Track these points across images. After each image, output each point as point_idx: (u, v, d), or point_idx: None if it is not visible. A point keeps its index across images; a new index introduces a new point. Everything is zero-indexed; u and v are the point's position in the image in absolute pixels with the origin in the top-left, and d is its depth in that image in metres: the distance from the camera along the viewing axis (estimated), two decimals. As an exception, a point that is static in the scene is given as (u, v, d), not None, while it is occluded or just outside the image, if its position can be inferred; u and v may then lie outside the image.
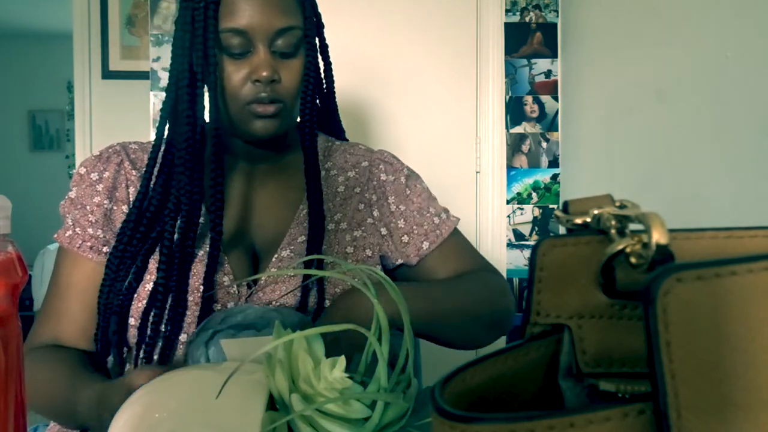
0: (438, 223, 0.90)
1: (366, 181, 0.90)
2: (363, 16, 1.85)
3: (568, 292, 0.28)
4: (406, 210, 0.89)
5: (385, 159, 0.93)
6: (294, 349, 0.51)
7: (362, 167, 0.91)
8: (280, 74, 0.77)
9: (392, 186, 0.90)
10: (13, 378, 0.38)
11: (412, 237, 0.88)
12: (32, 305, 3.23)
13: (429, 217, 0.90)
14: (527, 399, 0.28)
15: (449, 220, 0.91)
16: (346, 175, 0.90)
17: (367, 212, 0.88)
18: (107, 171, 0.83)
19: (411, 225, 0.89)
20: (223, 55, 0.77)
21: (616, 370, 0.28)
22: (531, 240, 1.89)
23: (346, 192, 0.89)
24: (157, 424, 0.47)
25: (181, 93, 0.77)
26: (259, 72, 0.75)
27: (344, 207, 0.88)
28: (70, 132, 4.89)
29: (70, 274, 0.80)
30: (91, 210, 0.81)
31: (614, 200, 0.29)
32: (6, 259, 0.39)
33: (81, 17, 2.03)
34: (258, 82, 0.76)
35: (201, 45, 0.75)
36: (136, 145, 0.88)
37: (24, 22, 4.65)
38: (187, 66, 0.77)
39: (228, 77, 0.77)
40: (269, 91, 0.76)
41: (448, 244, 0.89)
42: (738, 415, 0.20)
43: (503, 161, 1.89)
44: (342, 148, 0.94)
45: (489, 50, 1.88)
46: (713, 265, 0.20)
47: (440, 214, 0.91)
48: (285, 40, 0.77)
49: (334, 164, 0.91)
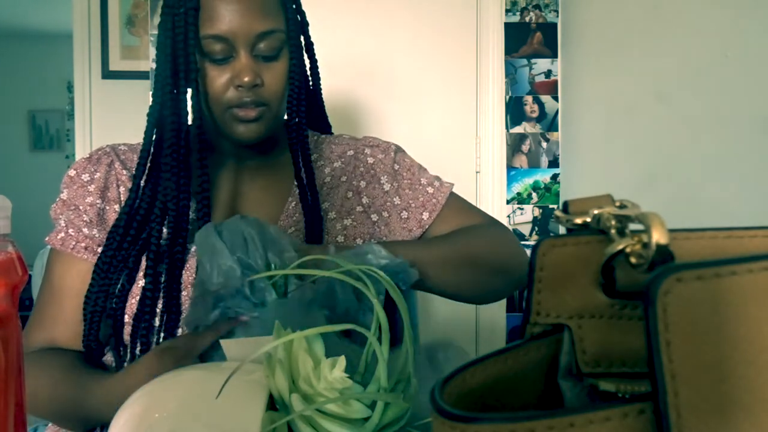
0: (433, 192, 0.90)
1: (353, 169, 0.91)
2: (363, 16, 1.85)
3: (568, 291, 0.28)
4: (399, 186, 0.90)
5: (369, 143, 0.94)
6: (294, 349, 0.51)
7: (348, 156, 0.92)
8: (263, 78, 0.77)
9: (381, 166, 0.91)
10: (13, 378, 0.38)
11: (411, 211, 0.89)
12: (32, 305, 3.23)
13: (422, 188, 0.90)
14: (527, 399, 0.28)
15: (443, 186, 0.92)
16: (332, 166, 0.91)
17: (356, 200, 0.89)
18: (98, 172, 0.83)
19: (407, 200, 0.89)
20: (205, 60, 0.77)
21: (616, 370, 0.28)
22: (531, 240, 1.89)
23: (332, 182, 0.90)
24: (157, 424, 0.47)
25: (165, 98, 0.77)
26: (242, 77, 0.75)
27: (331, 196, 0.88)
28: (70, 132, 4.88)
29: (64, 277, 0.79)
30: (85, 210, 0.81)
31: (614, 200, 0.29)
32: (6, 259, 0.39)
33: (81, 17, 2.03)
34: (241, 87, 0.76)
35: (182, 51, 0.75)
36: (126, 147, 0.88)
37: (24, 22, 4.65)
38: (170, 72, 0.77)
39: (210, 82, 0.77)
40: (252, 95, 0.77)
41: (448, 208, 0.90)
42: (738, 415, 0.20)
43: (503, 161, 1.89)
44: (327, 140, 0.95)
45: (489, 50, 1.88)
46: (713, 265, 0.20)
47: (433, 183, 0.92)
48: (267, 43, 0.77)
49: (320, 156, 0.92)
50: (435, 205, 0.89)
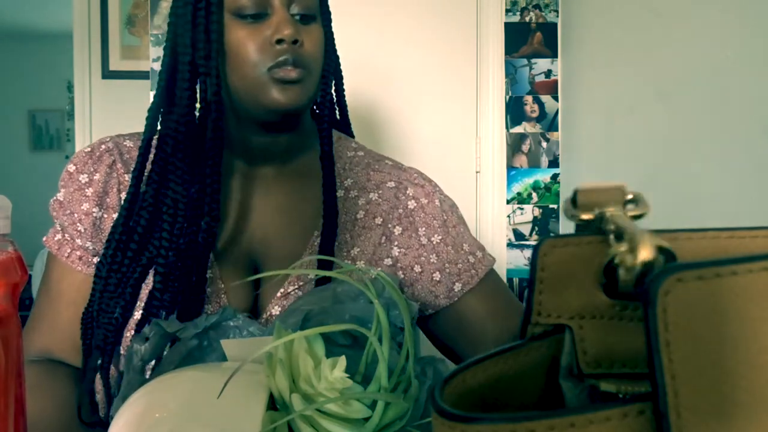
0: (473, 263, 0.78)
1: (390, 208, 0.78)
2: (363, 15, 1.85)
3: (570, 292, 0.28)
4: (439, 244, 0.77)
5: (415, 181, 0.80)
6: (294, 349, 0.51)
7: (387, 188, 0.79)
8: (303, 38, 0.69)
9: (422, 215, 0.78)
10: (13, 378, 0.38)
11: (444, 275, 0.77)
12: (32, 305, 3.23)
13: (464, 254, 0.78)
14: (528, 399, 0.28)
15: (485, 258, 0.80)
16: (367, 197, 0.78)
17: (387, 250, 0.77)
18: (97, 173, 0.75)
19: (443, 262, 0.77)
20: (234, 22, 0.69)
21: (618, 370, 0.28)
22: (531, 240, 1.89)
23: (365, 220, 0.77)
24: (157, 424, 0.47)
25: (183, 69, 0.69)
26: (282, 31, 0.67)
27: (362, 240, 0.76)
28: (70, 132, 4.88)
29: (60, 282, 0.75)
30: (79, 218, 0.74)
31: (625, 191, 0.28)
32: (6, 259, 0.39)
33: (81, 17, 2.03)
34: (281, 43, 0.67)
35: (203, 11, 0.68)
36: (131, 142, 0.78)
37: (24, 22, 4.65)
38: (189, 42, 0.69)
39: (242, 44, 0.68)
40: (292, 52, 0.67)
41: (485, 284, 0.78)
42: (738, 416, 0.20)
43: (503, 161, 1.89)
44: (365, 161, 0.82)
45: (489, 50, 1.88)
46: (713, 265, 0.20)
47: (475, 252, 0.79)
48: (303, 1, 0.70)
49: (356, 182, 0.79)
50: (471, 277, 0.77)
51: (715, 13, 1.16)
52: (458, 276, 0.77)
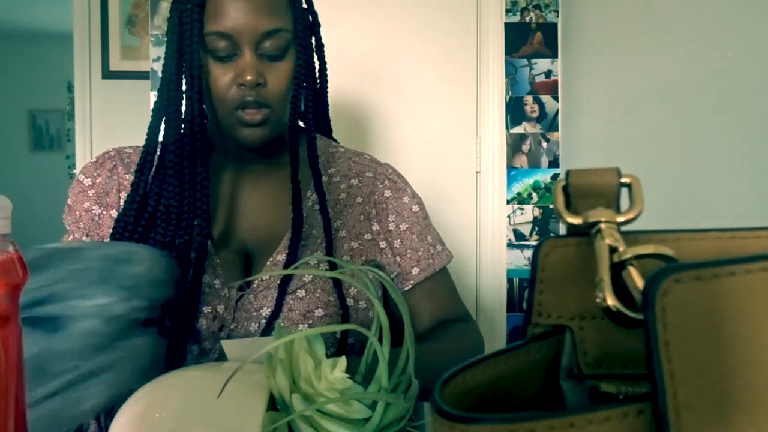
0: (433, 253, 0.88)
1: (368, 193, 0.88)
2: (363, 15, 1.85)
3: (570, 292, 0.28)
4: (405, 231, 0.87)
5: (389, 176, 0.91)
6: (295, 349, 0.51)
7: (366, 177, 0.89)
8: (267, 78, 0.76)
9: (394, 204, 0.88)
10: (13, 378, 0.38)
11: (404, 259, 0.86)
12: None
13: (426, 244, 0.88)
14: (528, 399, 0.28)
15: (444, 253, 0.90)
16: (348, 182, 0.88)
17: (366, 225, 0.86)
18: (100, 176, 0.83)
19: (406, 248, 0.87)
20: (209, 57, 0.76)
21: (618, 371, 0.28)
22: (531, 240, 1.89)
23: (347, 199, 0.87)
24: (157, 424, 0.47)
25: (170, 95, 0.77)
26: (244, 76, 0.74)
27: (344, 215, 0.86)
28: (70, 132, 4.88)
29: None
30: (80, 216, 0.81)
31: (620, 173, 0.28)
32: (6, 259, 0.39)
33: (81, 17, 2.03)
34: (243, 86, 0.75)
35: (188, 48, 0.75)
36: (131, 150, 0.87)
37: (24, 22, 4.65)
38: (175, 70, 0.76)
39: (214, 81, 0.76)
40: (254, 95, 0.75)
41: (437, 280, 0.88)
42: (736, 415, 0.20)
43: (503, 161, 1.88)
44: (347, 155, 0.92)
45: (489, 50, 1.88)
46: (712, 265, 0.20)
47: (437, 245, 0.89)
48: (272, 42, 0.76)
49: (338, 171, 0.89)
50: (428, 265, 0.87)
51: (716, 13, 1.16)
52: (417, 262, 0.87)
